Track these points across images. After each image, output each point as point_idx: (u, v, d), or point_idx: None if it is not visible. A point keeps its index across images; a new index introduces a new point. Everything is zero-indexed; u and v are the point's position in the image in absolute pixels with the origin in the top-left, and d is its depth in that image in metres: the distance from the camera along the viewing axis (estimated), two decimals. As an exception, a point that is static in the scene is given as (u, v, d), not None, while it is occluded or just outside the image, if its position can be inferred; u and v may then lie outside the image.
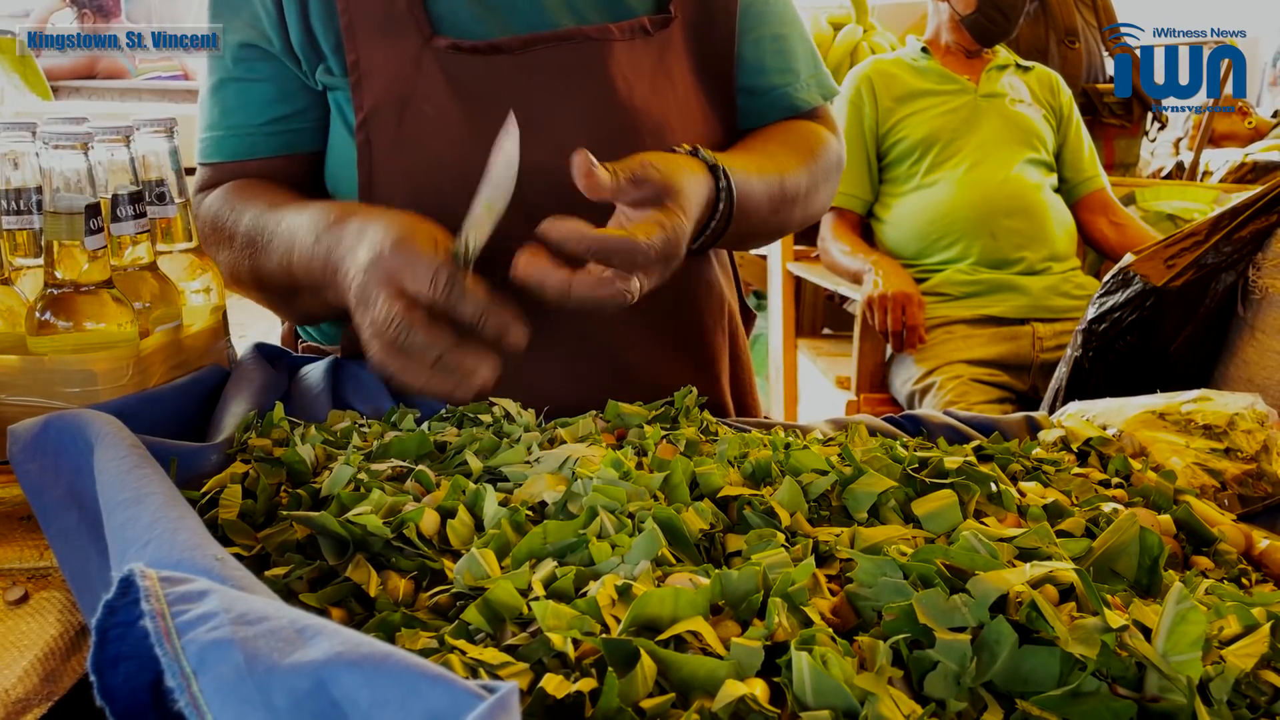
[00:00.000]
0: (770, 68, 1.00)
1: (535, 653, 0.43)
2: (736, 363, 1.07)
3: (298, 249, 0.81)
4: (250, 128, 0.95)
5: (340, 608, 0.52)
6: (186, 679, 0.35)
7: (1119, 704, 0.41)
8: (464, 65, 0.88)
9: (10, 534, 0.66)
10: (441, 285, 0.64)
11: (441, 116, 0.88)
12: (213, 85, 0.96)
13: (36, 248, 0.83)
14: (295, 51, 0.91)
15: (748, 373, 1.10)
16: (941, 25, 2.29)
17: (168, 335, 0.84)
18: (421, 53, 0.88)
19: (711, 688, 0.41)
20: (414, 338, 0.64)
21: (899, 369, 2.12)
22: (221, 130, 0.96)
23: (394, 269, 0.66)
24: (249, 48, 0.93)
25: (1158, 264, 1.41)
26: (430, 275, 0.64)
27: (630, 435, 0.76)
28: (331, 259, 0.76)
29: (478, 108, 0.88)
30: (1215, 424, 0.82)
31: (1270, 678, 0.46)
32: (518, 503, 0.61)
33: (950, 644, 0.43)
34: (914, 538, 0.56)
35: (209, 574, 0.42)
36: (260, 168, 0.95)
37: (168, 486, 0.53)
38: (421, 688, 0.33)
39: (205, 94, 0.97)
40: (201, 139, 0.98)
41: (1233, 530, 0.67)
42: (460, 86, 0.88)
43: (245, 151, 0.95)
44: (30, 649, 0.53)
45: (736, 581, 0.47)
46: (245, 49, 0.93)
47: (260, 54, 0.93)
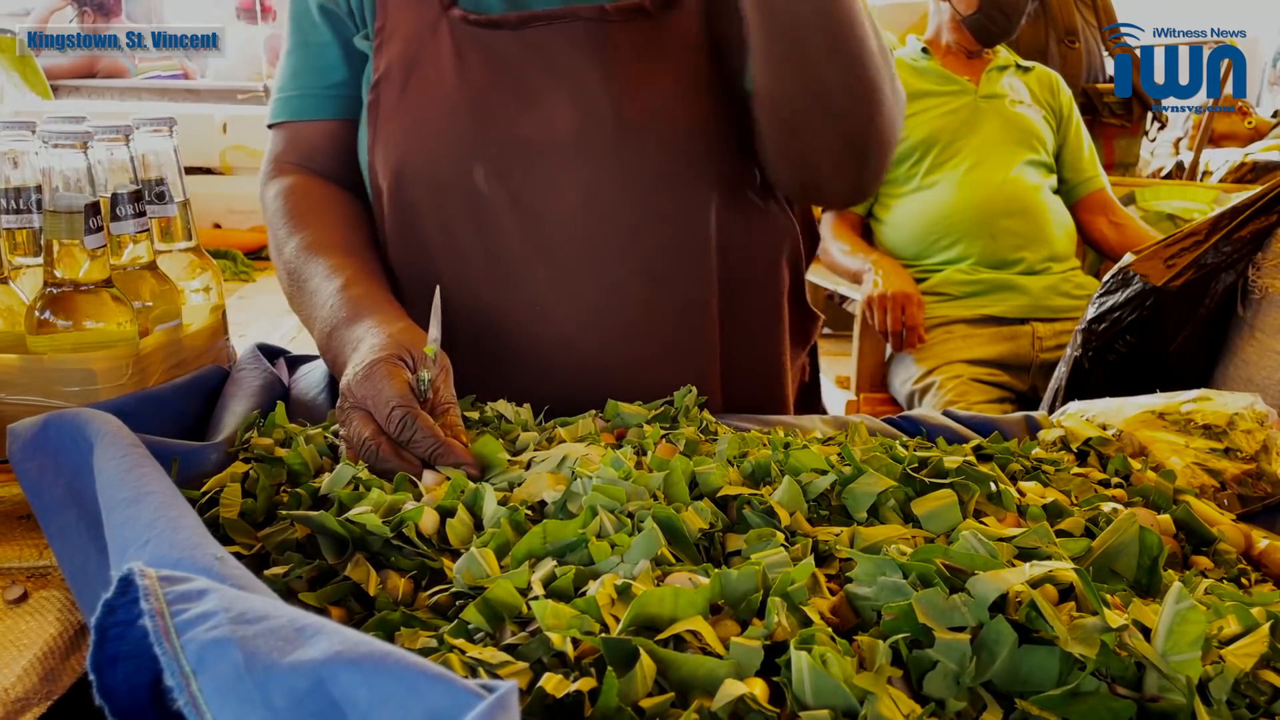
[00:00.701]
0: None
1: (534, 652, 0.43)
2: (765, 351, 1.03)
3: (316, 329, 0.84)
4: (315, 89, 0.98)
5: (340, 607, 0.52)
6: (185, 678, 0.35)
7: (1118, 704, 0.41)
8: (469, 37, 0.90)
9: (9, 533, 0.66)
10: (396, 423, 0.67)
11: (440, 83, 0.90)
12: (289, 49, 1.00)
13: (36, 247, 0.83)
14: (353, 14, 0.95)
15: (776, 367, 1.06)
16: (942, 25, 2.29)
17: (167, 334, 0.84)
18: (438, 21, 0.91)
19: (711, 687, 0.41)
20: (382, 461, 0.67)
21: (899, 369, 2.12)
22: (289, 91, 0.99)
23: (360, 399, 0.69)
24: (326, 11, 0.96)
25: (1157, 264, 1.41)
26: (388, 413, 0.67)
27: (630, 435, 0.76)
28: (338, 361, 0.78)
29: (474, 79, 0.89)
30: (1215, 424, 0.82)
31: (1269, 677, 0.46)
32: (517, 502, 0.61)
33: (950, 644, 0.43)
34: (913, 537, 0.56)
35: (208, 573, 0.42)
36: (319, 129, 0.98)
37: (167, 485, 0.53)
38: (421, 687, 0.33)
39: (281, 58, 1.01)
40: (272, 101, 1.01)
41: (1232, 530, 0.67)
42: (463, 57, 0.90)
43: (308, 112, 0.98)
44: (29, 648, 0.53)
45: (736, 581, 0.47)
46: (323, 12, 0.96)
47: (333, 18, 0.96)
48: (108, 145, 0.81)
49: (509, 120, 0.88)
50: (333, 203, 0.96)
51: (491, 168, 0.88)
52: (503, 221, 0.89)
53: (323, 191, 0.97)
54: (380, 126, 0.91)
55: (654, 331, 0.92)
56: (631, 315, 0.91)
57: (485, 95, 0.89)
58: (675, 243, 0.91)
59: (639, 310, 0.91)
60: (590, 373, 0.87)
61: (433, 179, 0.89)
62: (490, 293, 0.90)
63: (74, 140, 0.73)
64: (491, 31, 0.90)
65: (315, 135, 0.99)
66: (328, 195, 0.97)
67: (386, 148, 0.91)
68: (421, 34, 0.91)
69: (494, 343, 0.91)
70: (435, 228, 0.90)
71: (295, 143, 1.00)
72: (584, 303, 0.90)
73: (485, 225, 0.89)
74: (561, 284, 0.90)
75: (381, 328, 0.75)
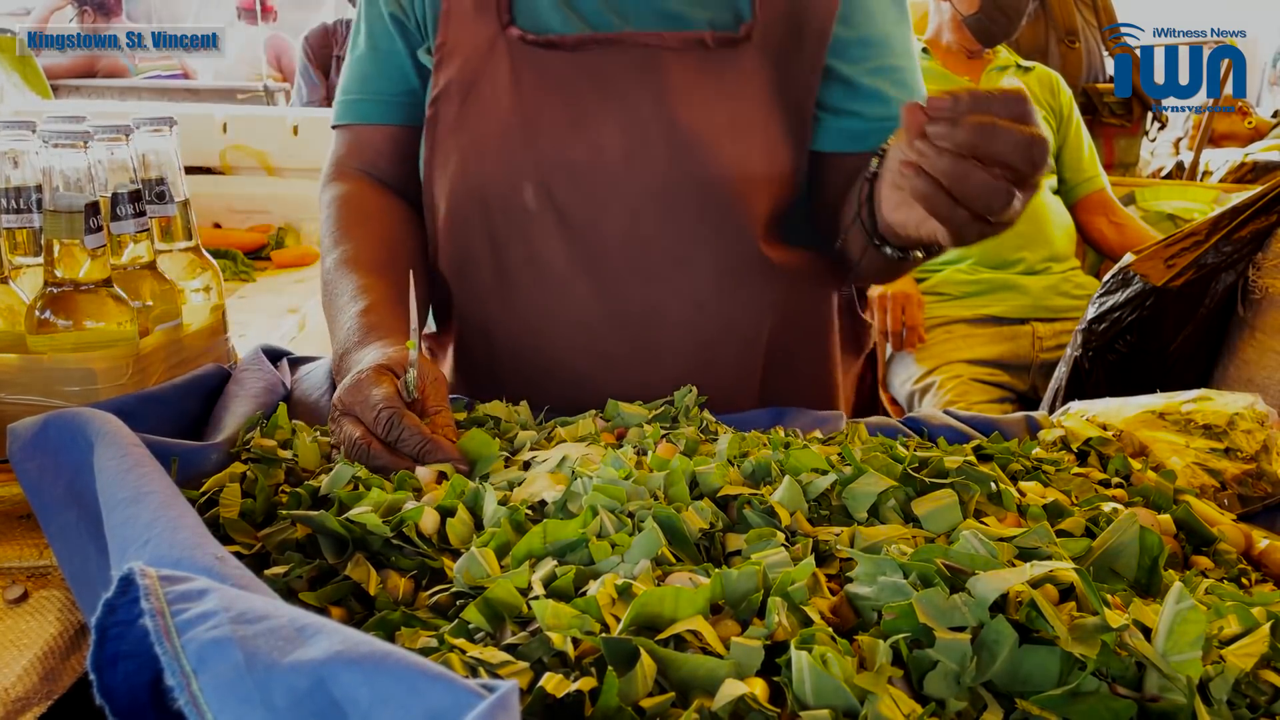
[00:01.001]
0: (893, 99, 0.97)
1: (535, 652, 0.43)
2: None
3: (334, 350, 0.85)
4: (382, 95, 1.00)
5: (340, 606, 0.52)
6: (186, 677, 0.35)
7: (1119, 703, 0.41)
8: (526, 56, 0.91)
9: (10, 533, 0.66)
10: (384, 424, 0.68)
11: (496, 103, 0.91)
12: (359, 53, 1.01)
13: (36, 246, 0.83)
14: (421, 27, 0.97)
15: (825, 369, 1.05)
16: (943, 25, 2.29)
17: (167, 334, 0.84)
18: (496, 39, 0.92)
19: (711, 687, 0.41)
20: (374, 458, 0.67)
21: (899, 368, 2.12)
22: (355, 95, 1.01)
23: (349, 406, 0.70)
24: (397, 21, 0.98)
25: (1157, 264, 1.42)
26: (375, 414, 0.68)
27: (630, 435, 0.76)
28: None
29: (528, 99, 0.90)
30: (1215, 424, 0.82)
31: (1270, 677, 0.46)
32: (517, 502, 0.61)
33: (950, 643, 0.43)
34: (914, 537, 0.56)
35: (209, 573, 0.42)
36: (383, 134, 1.00)
37: (167, 485, 0.53)
38: (421, 686, 0.33)
39: (348, 62, 1.02)
40: (337, 103, 1.03)
41: (1232, 530, 0.67)
42: (519, 76, 0.91)
43: (373, 116, 1.00)
44: (30, 648, 0.53)
45: (736, 581, 0.47)
46: (394, 21, 0.98)
47: (402, 28, 0.98)
48: (108, 145, 0.81)
49: (560, 140, 0.89)
50: (382, 214, 0.97)
51: (541, 186, 0.90)
52: (550, 239, 0.90)
53: (376, 202, 0.98)
54: (438, 142, 0.93)
55: (697, 355, 0.93)
56: (674, 339, 0.91)
57: (538, 115, 0.90)
58: (721, 270, 0.92)
59: (682, 334, 0.92)
60: (631, 392, 0.86)
61: (484, 196, 0.91)
62: (535, 308, 0.92)
63: (74, 140, 0.73)
64: (548, 52, 0.91)
65: (378, 140, 1.00)
66: (379, 206, 0.98)
67: (443, 164, 0.93)
68: (480, 52, 0.92)
69: (537, 357, 0.93)
70: (484, 242, 0.92)
71: (358, 146, 1.01)
72: (627, 324, 0.91)
73: (532, 242, 0.91)
74: (605, 303, 0.91)
75: (382, 349, 0.77)
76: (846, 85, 0.95)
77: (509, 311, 0.93)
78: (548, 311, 0.92)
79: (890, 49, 0.97)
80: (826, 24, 0.93)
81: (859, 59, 0.95)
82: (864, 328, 1.09)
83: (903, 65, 0.98)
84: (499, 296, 0.93)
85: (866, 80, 0.95)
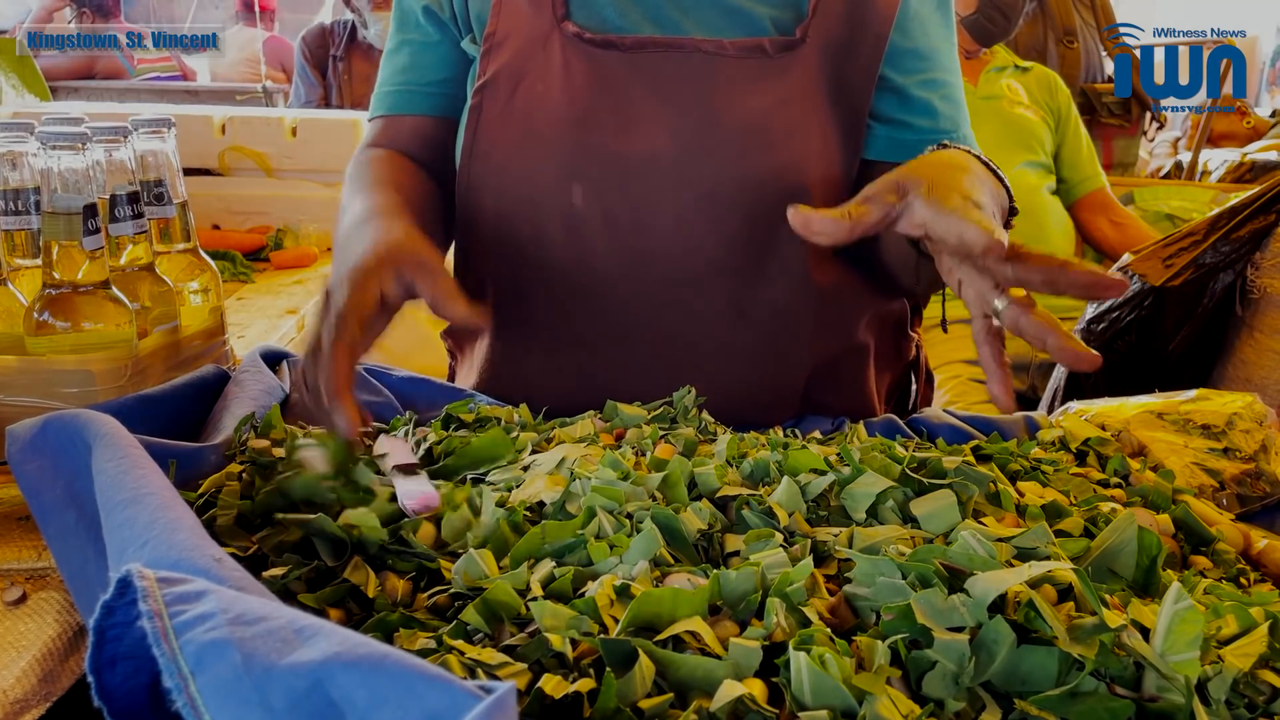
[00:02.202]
0: (941, 113, 0.97)
1: (533, 653, 0.43)
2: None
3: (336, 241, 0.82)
4: (413, 85, 1.00)
5: (338, 608, 0.52)
6: (184, 679, 0.35)
7: (1117, 703, 0.41)
8: (580, 53, 0.90)
9: (8, 534, 0.66)
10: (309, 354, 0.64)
11: (548, 96, 0.90)
12: (393, 47, 1.01)
13: (34, 248, 0.83)
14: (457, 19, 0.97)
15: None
16: (941, 25, 2.29)
17: (166, 336, 0.84)
18: (550, 33, 0.91)
19: (710, 688, 0.41)
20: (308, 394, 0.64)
21: (898, 369, 2.12)
22: (391, 86, 1.01)
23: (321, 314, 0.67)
24: (430, 13, 0.98)
25: (1156, 263, 1.42)
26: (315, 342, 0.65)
27: (629, 435, 0.76)
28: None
29: (579, 96, 0.90)
30: (1213, 423, 0.82)
31: (1268, 677, 0.46)
32: (516, 503, 0.61)
33: (948, 644, 0.43)
34: (912, 538, 0.56)
35: (207, 574, 0.42)
36: (413, 123, 1.00)
37: (166, 487, 0.53)
38: (419, 688, 0.33)
39: (385, 55, 1.03)
40: (375, 95, 1.03)
41: (1231, 530, 0.67)
42: (571, 72, 0.90)
43: (404, 106, 1.00)
44: (28, 649, 0.53)
45: (735, 581, 0.47)
46: (428, 14, 0.98)
47: (438, 21, 0.98)
48: (106, 146, 0.81)
49: (609, 139, 0.88)
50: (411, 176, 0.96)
51: (589, 184, 0.89)
52: (595, 238, 0.89)
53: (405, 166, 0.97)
54: (480, 132, 0.92)
55: (738, 365, 0.92)
56: (713, 349, 0.90)
57: (589, 113, 0.89)
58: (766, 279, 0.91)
59: (724, 343, 0.90)
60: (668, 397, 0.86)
61: (531, 191, 0.90)
62: (577, 307, 0.91)
63: (72, 141, 0.73)
64: (602, 50, 0.90)
65: (407, 128, 1.00)
66: (408, 170, 0.97)
67: (487, 155, 0.91)
68: (532, 44, 0.91)
69: (577, 356, 0.92)
70: (529, 239, 0.91)
71: (389, 133, 1.01)
72: (667, 329, 0.90)
73: (577, 240, 0.89)
74: (647, 307, 0.90)
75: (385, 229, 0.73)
76: (899, 95, 0.95)
77: (545, 311, 0.92)
78: (589, 311, 0.91)
79: (939, 63, 0.97)
80: (884, 29, 0.92)
81: (912, 70, 0.95)
82: (907, 341, 1.09)
83: (951, 81, 0.98)
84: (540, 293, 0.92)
85: (917, 92, 0.95)
